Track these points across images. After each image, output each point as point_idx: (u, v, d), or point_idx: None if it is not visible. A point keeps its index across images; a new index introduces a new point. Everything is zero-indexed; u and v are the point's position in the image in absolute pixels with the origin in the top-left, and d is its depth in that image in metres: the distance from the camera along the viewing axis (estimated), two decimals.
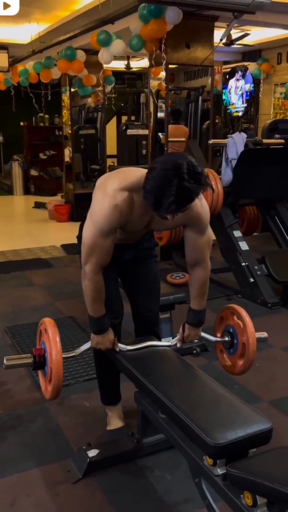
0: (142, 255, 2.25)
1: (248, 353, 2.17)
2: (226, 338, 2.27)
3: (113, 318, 2.21)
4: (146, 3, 4.20)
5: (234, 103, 9.31)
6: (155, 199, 1.64)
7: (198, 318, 2.16)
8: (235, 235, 4.38)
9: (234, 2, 3.63)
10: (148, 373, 1.95)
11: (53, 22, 6.85)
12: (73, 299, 4.09)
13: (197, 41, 5.32)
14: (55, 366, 1.89)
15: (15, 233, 7.24)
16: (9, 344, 3.33)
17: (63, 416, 2.50)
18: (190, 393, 1.84)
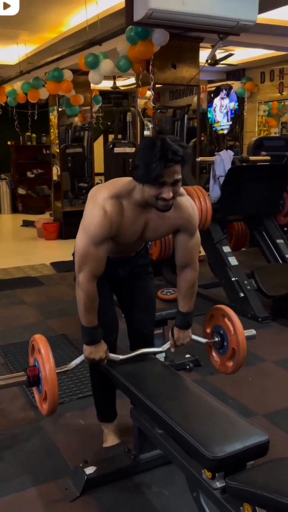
0: (137, 272, 2.26)
1: (238, 356, 2.22)
2: (216, 338, 2.31)
3: (108, 335, 2.21)
4: (133, 26, 4.29)
5: (219, 121, 9.47)
6: (144, 166, 1.72)
7: (186, 320, 2.21)
8: (224, 250, 4.43)
9: (220, 25, 3.72)
10: (144, 388, 1.96)
11: (40, 43, 6.94)
12: (65, 317, 4.09)
13: (183, 61, 5.44)
14: (49, 384, 1.89)
15: (4, 251, 7.23)
16: (1, 363, 3.32)
17: (59, 434, 2.49)
18: (187, 407, 1.86)
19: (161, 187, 1.76)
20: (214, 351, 2.37)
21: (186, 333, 2.22)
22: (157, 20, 3.59)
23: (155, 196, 1.79)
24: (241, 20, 3.70)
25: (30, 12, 5.42)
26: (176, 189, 1.80)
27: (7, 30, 6.27)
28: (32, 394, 2.82)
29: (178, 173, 1.76)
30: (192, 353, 3.26)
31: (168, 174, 1.73)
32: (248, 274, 4.32)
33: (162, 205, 1.81)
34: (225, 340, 2.27)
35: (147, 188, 1.79)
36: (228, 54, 6.73)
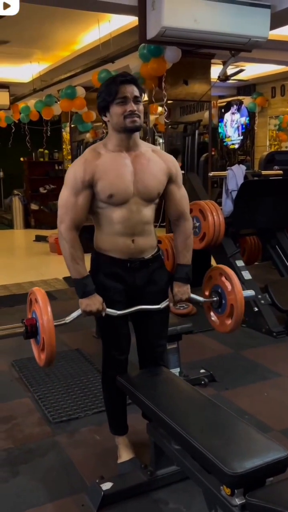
0: (154, 280, 2.18)
1: (237, 313, 2.22)
2: (215, 298, 2.31)
3: (119, 354, 2.22)
4: (146, 43, 4.36)
5: (230, 135, 9.52)
6: (105, 88, 1.97)
7: (185, 272, 2.21)
8: (237, 264, 4.41)
9: (232, 41, 3.78)
10: (161, 403, 1.96)
11: (53, 61, 7.07)
12: (78, 331, 4.09)
13: (195, 77, 5.51)
14: (47, 334, 1.90)
15: (17, 266, 7.28)
16: (16, 378, 3.33)
17: (74, 450, 2.48)
18: (204, 422, 1.85)
19: (124, 104, 1.94)
20: (212, 311, 2.38)
21: (185, 288, 2.20)
22: (169, 38, 3.65)
23: (122, 114, 1.94)
24: (253, 37, 3.75)
25: (43, 31, 5.54)
26: (138, 106, 1.96)
27: (21, 49, 6.40)
28: (48, 409, 2.83)
29: (136, 91, 1.96)
30: (207, 368, 3.24)
31: (127, 90, 1.94)
32: (262, 288, 4.30)
33: (130, 121, 1.95)
34: (223, 298, 2.28)
35: (113, 109, 1.96)
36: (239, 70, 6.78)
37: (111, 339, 2.21)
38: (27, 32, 5.57)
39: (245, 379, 3.25)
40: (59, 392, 3.06)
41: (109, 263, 2.10)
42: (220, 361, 3.53)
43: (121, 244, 2.07)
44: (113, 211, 2.02)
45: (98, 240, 2.13)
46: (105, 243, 2.10)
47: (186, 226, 2.21)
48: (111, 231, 2.06)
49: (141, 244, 2.10)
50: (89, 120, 7.75)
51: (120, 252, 2.08)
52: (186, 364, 3.18)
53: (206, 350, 3.72)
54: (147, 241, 2.13)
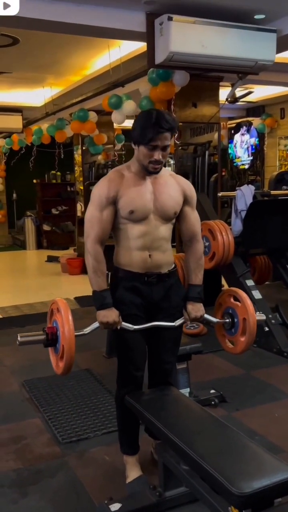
0: (170, 296, 2.24)
1: (249, 328, 2.25)
2: (227, 319, 2.35)
3: (135, 370, 2.25)
4: (155, 68, 4.44)
5: (240, 156, 9.59)
6: (141, 129, 2.03)
7: (197, 291, 2.27)
8: (247, 284, 4.41)
9: (239, 65, 3.84)
10: (170, 424, 1.95)
11: (65, 86, 7.21)
12: (88, 351, 4.10)
13: (204, 100, 5.58)
14: (67, 343, 1.96)
15: (29, 287, 7.34)
16: (27, 398, 3.34)
17: (83, 470, 2.48)
18: (213, 443, 1.84)
19: (153, 150, 2.04)
20: (226, 334, 2.41)
21: (198, 305, 2.26)
22: (177, 62, 3.72)
23: (148, 158, 2.06)
24: (260, 60, 3.81)
25: (56, 57, 5.67)
26: (165, 154, 2.08)
27: (34, 74, 6.55)
28: (58, 429, 2.84)
29: (168, 139, 2.04)
30: (217, 389, 3.23)
31: (160, 139, 2.02)
32: (273, 308, 4.29)
33: (152, 167, 2.08)
34: (235, 317, 2.32)
35: (141, 149, 2.06)
36: (248, 92, 6.87)
37: (128, 355, 2.24)
38: (41, 58, 5.71)
39: (255, 400, 3.22)
40: (68, 412, 3.07)
41: (127, 277, 2.19)
42: (230, 381, 3.51)
43: (138, 258, 2.17)
44: (133, 227, 2.14)
45: (117, 255, 2.23)
46: (124, 257, 2.20)
47: (198, 247, 2.30)
48: (130, 246, 2.17)
49: (158, 259, 2.19)
50: (101, 143, 7.86)
51: (137, 267, 2.18)
52: (196, 384, 3.17)
53: (216, 370, 3.71)
54: (164, 256, 2.22)
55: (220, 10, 3.72)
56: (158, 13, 3.67)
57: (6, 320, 5.34)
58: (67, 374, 2.08)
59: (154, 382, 2.37)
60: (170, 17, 3.53)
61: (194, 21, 3.60)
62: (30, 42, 5.03)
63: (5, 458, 2.62)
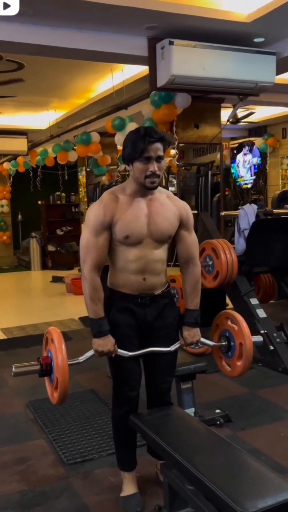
0: (164, 316, 2.25)
1: (246, 352, 2.26)
2: (224, 342, 2.37)
3: (130, 390, 2.26)
4: (157, 91, 4.52)
5: (242, 176, 9.66)
6: (131, 144, 2.02)
7: (193, 316, 2.26)
8: (252, 302, 4.41)
9: (239, 87, 3.91)
10: (174, 444, 1.94)
11: (69, 109, 7.34)
12: (93, 372, 4.09)
13: (205, 121, 5.66)
14: (61, 373, 1.96)
15: (34, 307, 7.35)
16: (31, 419, 3.32)
17: (88, 492, 2.45)
18: (217, 462, 1.83)
19: (147, 163, 2.02)
20: (223, 357, 2.43)
21: (195, 330, 2.26)
22: (179, 85, 3.80)
23: (143, 173, 2.03)
24: (260, 82, 3.88)
25: (60, 81, 5.79)
26: (160, 166, 2.05)
27: (39, 98, 6.68)
28: (62, 450, 2.82)
29: (160, 150, 2.03)
30: (222, 408, 3.21)
31: (152, 149, 2.01)
32: (277, 327, 4.28)
33: (150, 182, 2.05)
34: (232, 341, 2.34)
35: (136, 165, 2.04)
36: (249, 113, 6.96)
37: (122, 376, 2.26)
38: (45, 82, 5.83)
39: (261, 419, 3.20)
40: (73, 433, 3.05)
41: (121, 299, 2.20)
42: (235, 401, 3.48)
43: (133, 281, 2.17)
44: (127, 251, 2.13)
45: (112, 277, 2.24)
46: (118, 279, 2.20)
47: (195, 271, 2.29)
48: (125, 269, 2.16)
49: (152, 281, 2.20)
50: (104, 164, 7.96)
51: (131, 288, 2.18)
52: (201, 404, 3.15)
53: (221, 390, 3.68)
54: (158, 279, 2.22)
55: (219, 34, 3.81)
56: (160, 38, 3.76)
57: (10, 341, 5.34)
58: (63, 403, 2.08)
59: (153, 403, 2.38)
60: (171, 41, 3.61)
61: (195, 45, 3.68)
62: (34, 67, 5.14)
63: (9, 479, 2.60)
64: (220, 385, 3.77)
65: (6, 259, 12.04)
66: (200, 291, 2.31)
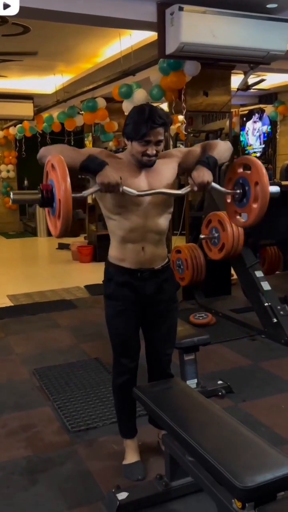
0: (164, 289, 2.27)
1: (262, 192, 2.12)
2: (238, 190, 2.22)
3: (129, 362, 2.31)
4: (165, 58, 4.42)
5: (252, 144, 9.52)
6: (134, 125, 2.02)
7: (206, 157, 2.10)
8: (256, 275, 4.42)
9: (250, 55, 3.81)
10: (176, 416, 1.99)
11: (76, 73, 7.19)
12: (98, 341, 4.16)
13: (215, 88, 5.54)
14: (63, 198, 1.78)
15: (40, 274, 7.40)
16: (37, 386, 3.40)
17: (92, 459, 2.53)
18: (218, 436, 1.88)
19: (146, 145, 2.03)
20: (236, 207, 2.28)
21: (204, 170, 2.07)
22: (188, 53, 3.70)
23: (141, 152, 2.05)
24: (271, 50, 3.77)
25: (67, 44, 5.66)
26: (158, 148, 2.07)
27: (46, 62, 6.54)
28: (67, 418, 2.90)
29: (161, 134, 2.04)
30: (225, 380, 3.26)
31: (153, 134, 2.01)
32: (281, 299, 4.30)
33: (147, 160, 2.07)
34: (246, 184, 2.18)
35: (135, 144, 2.05)
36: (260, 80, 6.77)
37: (121, 346, 2.30)
38: (52, 45, 5.69)
39: (263, 391, 3.25)
40: (78, 401, 3.13)
41: (121, 273, 2.21)
42: (238, 372, 3.54)
43: (131, 251, 2.16)
44: (128, 217, 2.12)
45: (111, 249, 2.24)
46: (117, 252, 2.21)
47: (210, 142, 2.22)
48: (125, 239, 2.16)
49: (151, 253, 2.19)
50: (111, 131, 7.85)
51: (130, 261, 2.19)
52: (203, 375, 3.21)
53: (224, 361, 3.74)
54: (157, 251, 2.22)
55: None
56: (169, 3, 3.64)
57: (17, 308, 5.41)
58: (65, 234, 1.90)
59: (154, 374, 2.43)
60: (181, 7, 3.50)
61: (205, 11, 3.56)
62: (41, 31, 5.01)
63: (16, 445, 2.68)
64: (223, 356, 3.82)
65: (12, 225, 12.06)
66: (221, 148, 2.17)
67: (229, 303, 5.08)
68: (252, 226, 2.26)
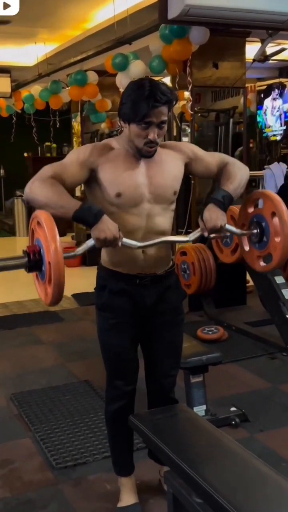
0: (166, 299, 2.27)
1: (282, 220, 2.14)
2: (254, 230, 2.26)
3: (125, 385, 2.31)
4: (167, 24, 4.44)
5: (270, 125, 9.55)
6: (132, 104, 1.98)
7: (221, 194, 2.11)
8: (277, 281, 4.43)
9: (268, 20, 3.83)
10: (180, 449, 2.00)
11: (62, 42, 7.22)
12: (88, 360, 4.17)
13: (227, 59, 5.57)
14: (54, 260, 1.81)
15: (19, 281, 7.36)
16: (15, 415, 3.40)
17: (81, 501, 2.54)
18: (230, 472, 1.88)
19: (147, 128, 1.99)
20: (256, 250, 2.33)
21: (219, 212, 2.08)
22: (195, 17, 3.72)
23: (141, 138, 2.01)
24: None
25: (50, 7, 5.68)
26: (161, 132, 2.04)
27: (24, 28, 6.56)
28: (51, 452, 2.90)
29: (164, 114, 2.00)
30: (239, 406, 3.27)
31: (155, 114, 1.97)
32: None
33: (146, 150, 2.04)
34: (266, 234, 2.22)
35: (133, 127, 2.01)
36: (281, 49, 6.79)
37: (115, 366, 2.30)
38: (30, 8, 5.70)
39: (284, 419, 3.26)
40: (64, 432, 3.13)
41: (116, 279, 2.20)
42: (254, 397, 3.55)
43: (130, 255, 2.14)
44: (124, 218, 2.11)
45: (107, 253, 2.22)
46: (113, 255, 2.19)
47: (229, 166, 2.22)
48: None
49: (153, 256, 2.17)
50: (104, 110, 7.86)
51: (128, 266, 2.17)
52: (213, 400, 3.22)
53: (238, 383, 3.75)
54: (160, 253, 2.20)
55: None
56: None
57: None
58: (58, 302, 1.95)
59: (154, 400, 2.43)
60: None
61: None
62: None
63: None
64: (237, 378, 3.83)
65: None
66: (240, 178, 2.19)
67: (244, 314, 5.06)
68: (277, 266, 2.28)
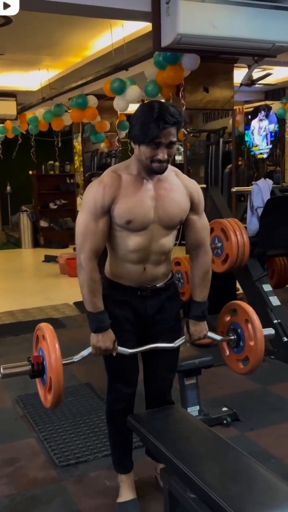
0: (166, 309, 2.28)
1: (254, 326, 2.31)
2: (232, 336, 2.42)
3: (126, 387, 2.30)
4: (161, 51, 4.46)
5: (257, 144, 9.59)
6: (141, 126, 1.94)
7: (201, 310, 2.27)
8: (264, 289, 4.42)
9: (254, 47, 3.84)
10: (175, 448, 1.98)
11: (63, 68, 7.25)
12: (89, 364, 4.10)
13: (216, 84, 5.58)
14: (54, 373, 1.98)
15: (24, 290, 7.39)
16: (21, 416, 3.38)
17: (83, 497, 2.51)
18: (223, 469, 1.87)
19: (156, 148, 1.96)
20: (228, 348, 2.49)
21: (202, 325, 2.29)
22: (186, 45, 3.73)
23: (151, 158, 1.98)
24: (278, 42, 3.81)
25: (53, 37, 5.71)
26: (170, 152, 2.00)
27: (30, 56, 6.59)
28: (54, 451, 2.88)
29: (173, 135, 1.97)
30: (230, 406, 3.25)
31: (164, 135, 1.94)
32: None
33: (157, 166, 2.00)
34: (242, 339, 2.38)
35: (143, 149, 1.98)
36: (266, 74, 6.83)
37: (118, 371, 2.29)
38: (35, 37, 5.74)
39: (273, 418, 3.24)
40: (66, 432, 3.11)
41: (119, 291, 2.20)
42: (245, 397, 3.53)
43: (132, 271, 2.16)
44: (129, 238, 2.10)
45: (110, 265, 2.24)
46: (116, 269, 2.20)
47: (205, 259, 2.27)
48: (125, 258, 2.15)
49: (153, 272, 2.19)
50: (103, 131, 7.88)
51: (130, 280, 2.18)
52: (206, 401, 3.21)
53: (229, 385, 3.73)
54: (160, 269, 2.21)
55: None
56: None
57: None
58: (57, 407, 2.11)
59: (152, 401, 2.42)
60: None
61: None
62: (24, 21, 5.05)
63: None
64: (228, 380, 3.80)
65: None
66: (209, 282, 2.30)
67: None
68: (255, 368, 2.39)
